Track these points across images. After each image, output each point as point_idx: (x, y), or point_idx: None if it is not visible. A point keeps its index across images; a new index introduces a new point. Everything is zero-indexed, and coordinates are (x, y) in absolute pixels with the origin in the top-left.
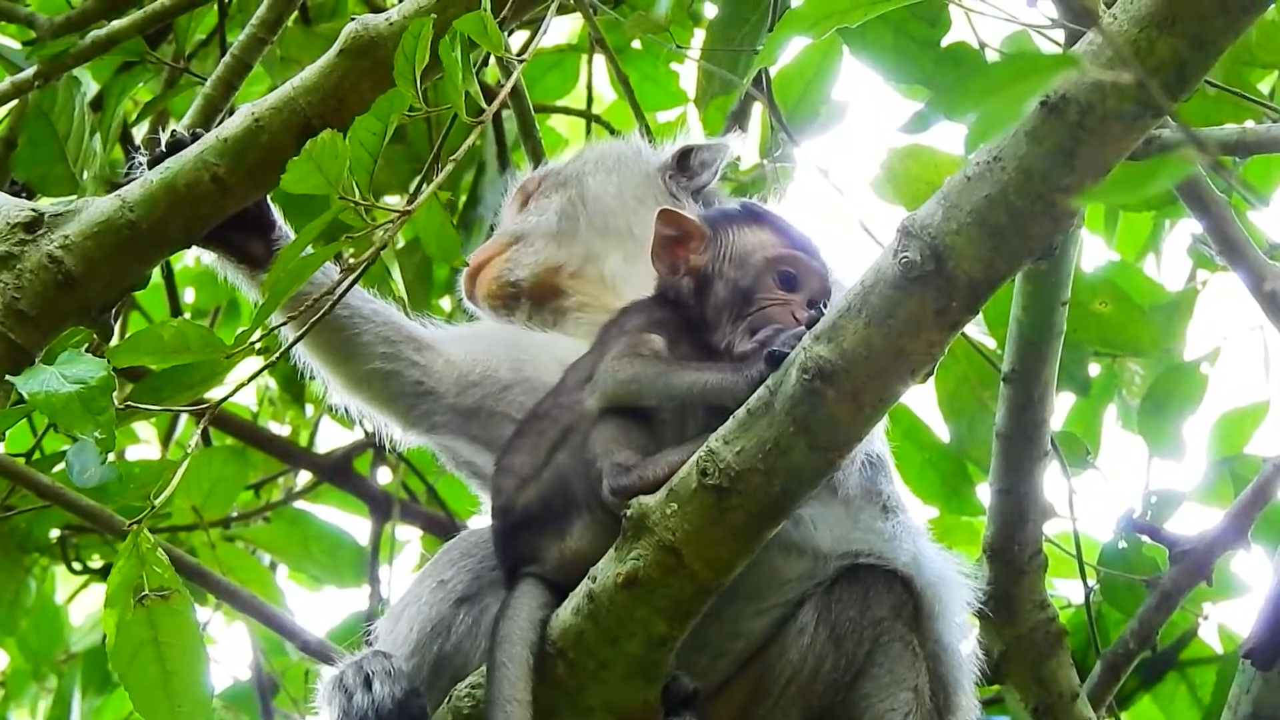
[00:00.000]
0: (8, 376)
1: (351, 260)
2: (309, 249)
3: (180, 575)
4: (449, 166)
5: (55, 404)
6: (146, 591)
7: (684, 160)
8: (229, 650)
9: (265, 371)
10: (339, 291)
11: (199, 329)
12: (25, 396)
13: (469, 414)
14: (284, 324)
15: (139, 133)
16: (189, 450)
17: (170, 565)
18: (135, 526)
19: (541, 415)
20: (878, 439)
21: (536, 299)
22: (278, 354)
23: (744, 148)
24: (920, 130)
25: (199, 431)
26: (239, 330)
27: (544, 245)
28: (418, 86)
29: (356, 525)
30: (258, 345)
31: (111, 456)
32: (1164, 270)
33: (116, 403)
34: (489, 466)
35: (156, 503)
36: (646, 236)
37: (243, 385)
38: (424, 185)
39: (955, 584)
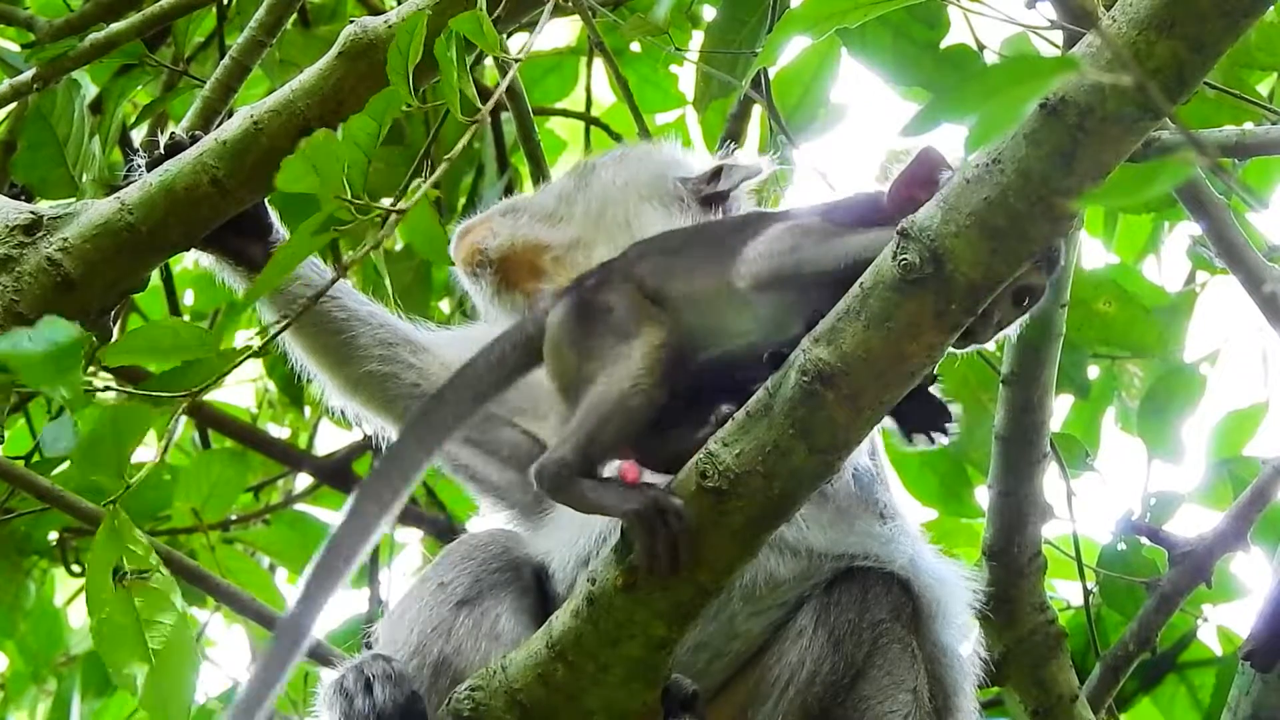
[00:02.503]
0: (17, 397)
1: (349, 261)
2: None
3: (180, 578)
4: (443, 165)
5: (25, 361)
6: (126, 572)
7: (715, 178)
8: (228, 652)
9: (265, 375)
10: (330, 280)
11: (192, 327)
12: None
13: None
14: (279, 322)
15: (138, 135)
16: (169, 434)
17: (149, 545)
18: (111, 507)
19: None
20: (878, 449)
21: (506, 274)
22: (264, 342)
23: (765, 161)
24: (920, 132)
25: (177, 417)
26: (239, 339)
27: (529, 221)
28: (410, 83)
29: None
30: (257, 350)
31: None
32: (1163, 272)
33: (112, 398)
34: (485, 470)
35: (132, 482)
36: (643, 231)
37: (231, 369)
38: (411, 176)
39: (954, 586)
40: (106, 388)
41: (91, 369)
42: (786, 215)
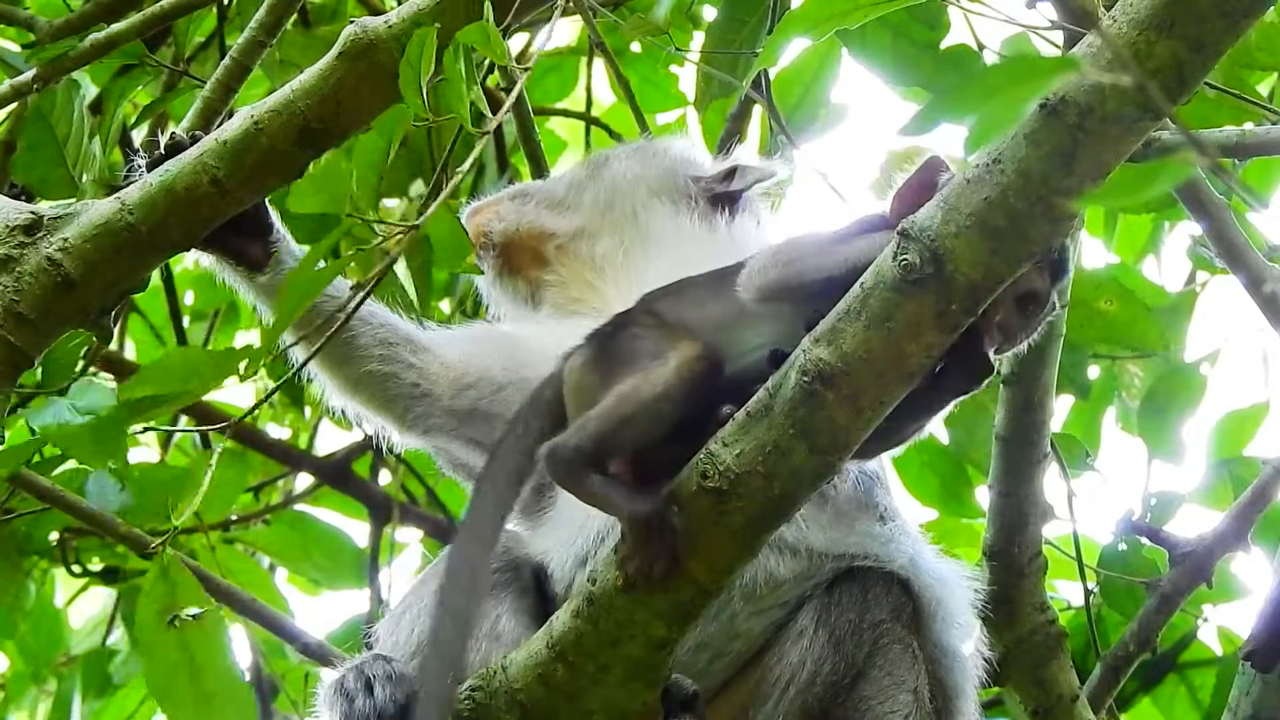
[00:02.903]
0: (13, 388)
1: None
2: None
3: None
4: (456, 179)
5: (67, 436)
6: (176, 614)
7: (729, 178)
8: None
9: (264, 374)
10: (350, 309)
11: (205, 354)
12: (35, 430)
13: (464, 416)
14: (293, 340)
15: (138, 135)
16: (209, 466)
17: (200, 585)
18: (160, 547)
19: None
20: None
21: (509, 258)
22: (287, 375)
23: (781, 165)
24: (920, 133)
25: (217, 449)
26: (238, 334)
27: (537, 207)
28: (424, 96)
29: (356, 528)
30: (267, 361)
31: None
32: (1163, 272)
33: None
34: None
35: (178, 523)
36: (650, 226)
37: (256, 406)
38: (429, 192)
39: (954, 586)
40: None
41: (92, 370)
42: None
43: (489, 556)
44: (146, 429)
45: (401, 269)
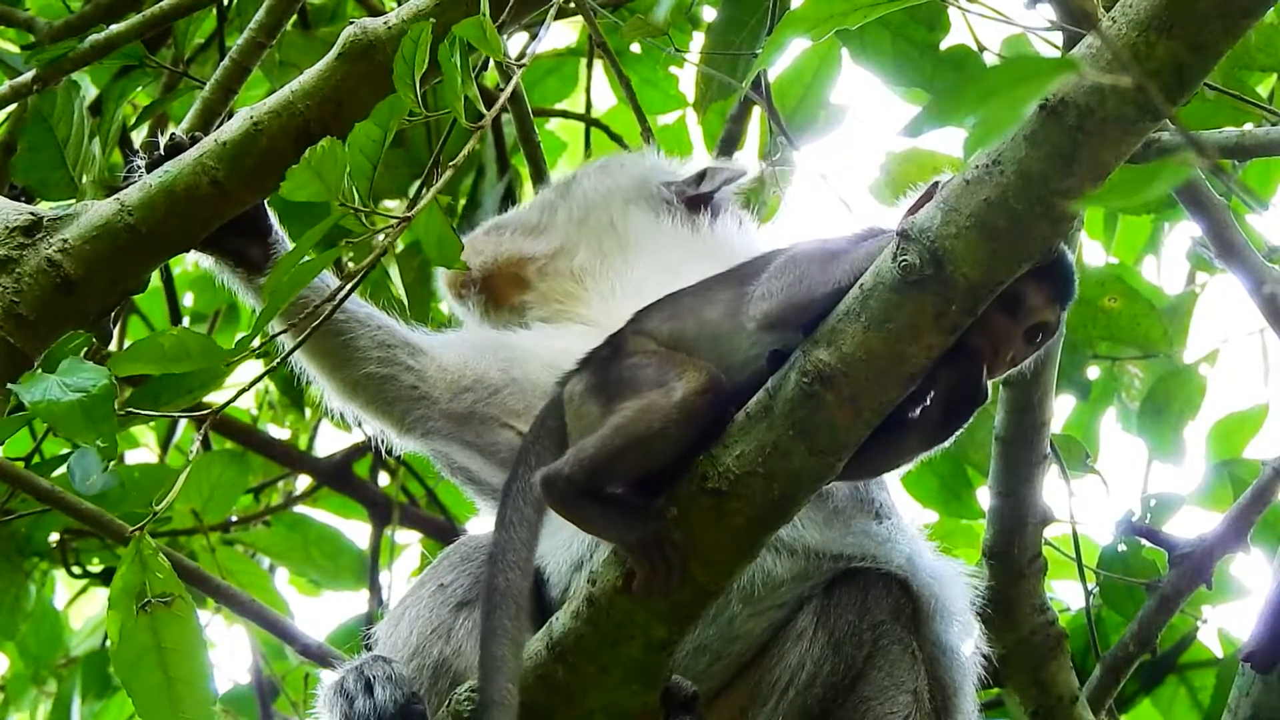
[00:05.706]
0: (9, 384)
1: (351, 266)
2: (307, 255)
3: (180, 579)
4: (448, 172)
5: (57, 412)
6: (149, 598)
7: (700, 180)
8: (229, 654)
9: (265, 376)
10: (339, 297)
11: (199, 337)
12: (26, 404)
13: (462, 419)
14: (283, 332)
15: (138, 136)
16: (190, 457)
17: (173, 571)
18: (137, 533)
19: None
20: None
21: (492, 292)
22: (276, 361)
23: (751, 164)
24: (919, 134)
25: (199, 438)
26: (239, 335)
27: (511, 237)
28: (417, 91)
29: (356, 529)
30: (257, 351)
31: (111, 462)
32: (1163, 273)
33: (116, 409)
34: (483, 471)
35: (158, 509)
36: (629, 233)
37: (242, 392)
38: (424, 190)
39: (953, 584)
40: (128, 411)
41: None
42: (784, 250)
43: (528, 584)
44: (128, 412)
45: (394, 272)
